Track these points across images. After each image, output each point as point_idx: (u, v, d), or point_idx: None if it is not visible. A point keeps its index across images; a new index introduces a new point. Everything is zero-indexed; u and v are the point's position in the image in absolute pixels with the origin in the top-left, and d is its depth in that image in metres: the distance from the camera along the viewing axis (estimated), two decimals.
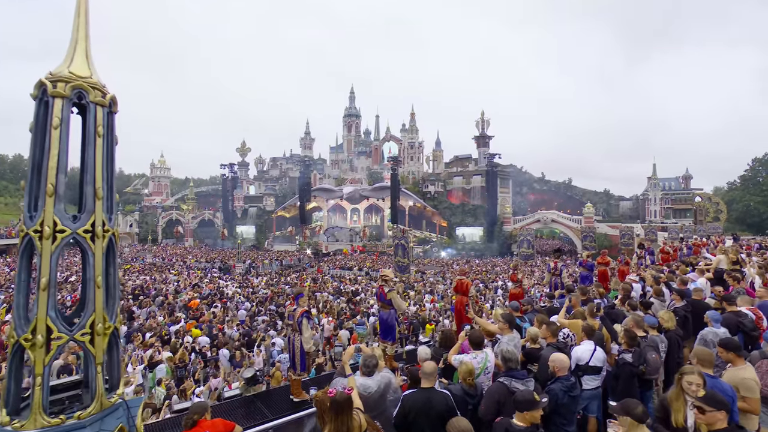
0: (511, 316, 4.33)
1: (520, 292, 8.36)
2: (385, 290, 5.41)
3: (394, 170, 52.52)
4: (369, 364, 3.32)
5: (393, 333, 5.57)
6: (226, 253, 46.44)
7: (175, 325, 14.54)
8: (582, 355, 4.00)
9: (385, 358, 5.55)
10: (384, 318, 5.56)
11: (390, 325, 5.54)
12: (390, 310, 5.49)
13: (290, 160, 74.21)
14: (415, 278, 29.04)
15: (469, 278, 6.86)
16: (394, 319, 5.57)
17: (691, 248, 17.03)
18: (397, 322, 5.67)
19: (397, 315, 5.65)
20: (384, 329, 5.57)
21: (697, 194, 52.65)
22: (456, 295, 6.64)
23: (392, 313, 5.53)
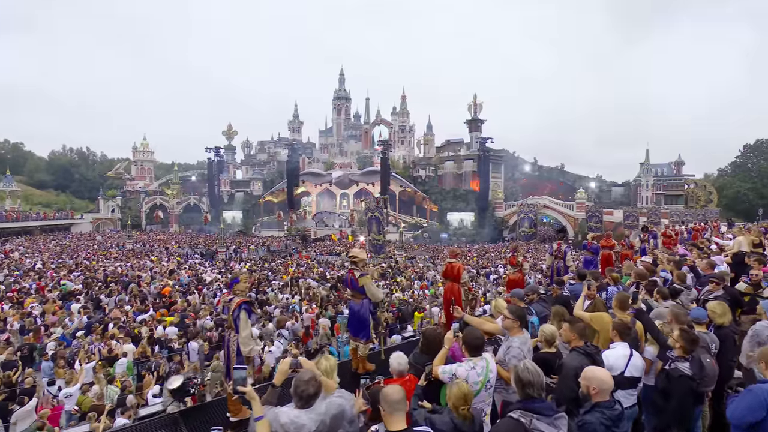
0: (522, 311, 3.30)
1: (520, 277, 7.38)
2: (356, 274, 4.37)
3: (384, 154, 51.19)
4: (303, 392, 2.15)
5: (366, 328, 4.54)
6: (210, 238, 45.04)
7: (143, 314, 13.44)
8: (615, 362, 3.00)
9: (356, 360, 4.54)
10: (355, 310, 4.53)
11: (362, 318, 4.51)
12: (362, 299, 4.46)
13: (278, 143, 72.21)
14: (405, 263, 28.18)
15: (461, 261, 5.91)
16: (367, 311, 4.53)
17: (691, 232, 16.35)
18: (372, 315, 4.64)
19: (372, 306, 4.61)
20: (355, 324, 4.54)
21: (689, 181, 52.44)
22: (446, 281, 5.65)
23: (365, 303, 4.49)
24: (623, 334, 3.18)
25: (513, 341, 3.16)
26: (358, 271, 4.46)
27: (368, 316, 4.62)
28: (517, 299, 4.22)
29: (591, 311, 3.90)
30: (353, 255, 4.53)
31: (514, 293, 4.33)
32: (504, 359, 3.11)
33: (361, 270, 4.48)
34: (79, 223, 58.39)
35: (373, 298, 4.53)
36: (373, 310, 4.61)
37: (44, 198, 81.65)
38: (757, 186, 55.66)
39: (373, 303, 4.56)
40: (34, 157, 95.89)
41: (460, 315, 3.57)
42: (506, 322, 3.22)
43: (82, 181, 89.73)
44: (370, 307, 4.62)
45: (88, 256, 28.35)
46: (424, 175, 57.46)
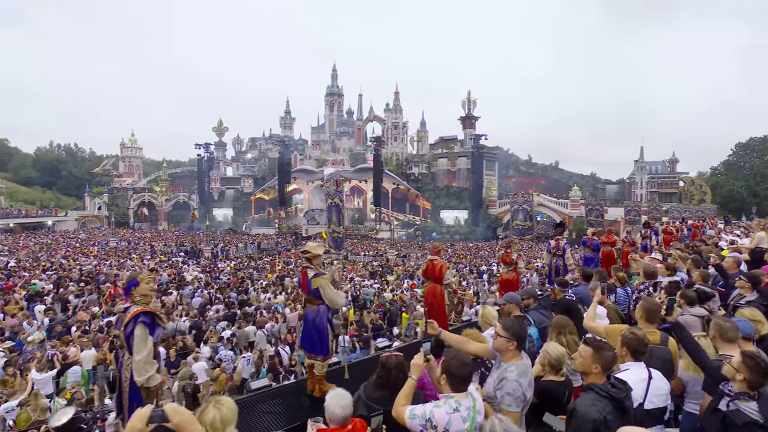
0: (521, 326, 2.35)
1: (514, 277, 6.55)
2: (309, 274, 3.56)
3: (376, 151, 50.38)
4: None
5: (324, 341, 3.71)
6: (198, 236, 43.96)
7: (111, 316, 12.51)
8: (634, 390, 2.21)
9: (312, 381, 3.72)
10: (309, 318, 3.71)
11: (319, 329, 3.68)
12: (318, 305, 3.65)
13: (269, 140, 71.05)
14: (395, 262, 27.41)
15: (444, 258, 5.14)
16: (324, 320, 3.71)
17: (690, 229, 15.76)
18: (330, 325, 3.79)
19: (329, 314, 3.78)
20: (309, 336, 3.71)
21: (683, 178, 52.21)
22: (427, 281, 4.84)
23: (321, 310, 3.68)
24: (636, 352, 2.42)
25: (508, 371, 2.25)
26: (312, 270, 3.65)
27: (325, 325, 3.78)
28: (513, 306, 3.44)
29: None
30: (306, 250, 3.71)
31: (508, 298, 3.52)
32: (494, 395, 2.25)
33: (315, 269, 3.67)
34: (64, 221, 56.90)
35: (331, 304, 3.71)
36: (331, 318, 3.78)
37: (30, 195, 79.74)
38: (750, 184, 55.59)
39: (332, 310, 3.75)
40: (20, 154, 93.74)
41: (435, 331, 2.74)
42: (498, 342, 2.33)
43: (70, 178, 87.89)
44: (327, 315, 3.79)
45: (67, 255, 27.24)
46: (418, 173, 56.69)
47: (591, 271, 4.72)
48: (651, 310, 2.95)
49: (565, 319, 3.01)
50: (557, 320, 3.02)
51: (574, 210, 44.46)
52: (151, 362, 2.80)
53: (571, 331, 2.83)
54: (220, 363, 9.96)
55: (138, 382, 2.81)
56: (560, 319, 3.03)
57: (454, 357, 2.06)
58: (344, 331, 12.31)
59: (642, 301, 3.11)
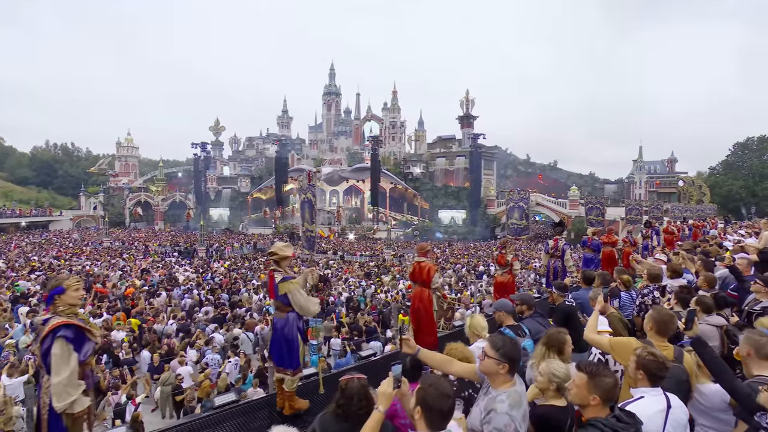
0: (514, 348, 1.95)
1: (509, 280, 6.13)
2: (276, 279, 3.20)
3: (374, 150, 49.98)
4: None
5: (293, 353, 3.31)
6: (194, 236, 43.50)
7: (95, 318, 12.12)
8: (650, 424, 1.86)
9: (282, 397, 3.35)
10: (278, 327, 3.33)
11: (288, 339, 3.29)
12: (287, 313, 3.27)
13: (267, 139, 70.57)
14: (392, 262, 27.04)
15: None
16: (294, 330, 3.33)
17: (691, 229, 15.46)
18: (301, 334, 3.41)
19: (300, 323, 3.39)
20: (276, 347, 3.33)
21: (682, 178, 51.98)
22: (413, 285, 4.46)
23: (291, 319, 3.29)
24: (655, 377, 2.01)
25: (497, 401, 1.84)
26: (280, 273, 3.28)
27: (295, 335, 3.38)
28: (504, 315, 3.04)
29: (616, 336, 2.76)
30: (273, 252, 3.34)
31: (498, 305, 3.15)
32: (480, 431, 1.86)
33: (284, 272, 3.31)
34: (59, 221, 56.35)
35: (301, 311, 3.34)
36: (303, 327, 3.40)
37: (25, 195, 79.14)
38: (748, 184, 55.39)
39: (304, 318, 3.36)
40: (16, 153, 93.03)
41: (411, 349, 2.26)
42: (486, 365, 1.92)
43: (66, 178, 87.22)
44: (298, 324, 3.41)
45: (59, 255, 26.79)
46: (416, 172, 56.33)
47: (592, 274, 4.35)
48: (663, 322, 2.51)
49: (560, 334, 2.54)
50: (549, 335, 2.56)
51: (572, 210, 44.17)
52: (75, 384, 2.38)
53: (560, 350, 2.44)
54: (207, 367, 9.61)
55: (57, 408, 2.38)
56: (554, 335, 2.55)
57: (431, 385, 1.67)
58: (336, 334, 11.98)
59: (652, 310, 2.64)
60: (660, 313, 2.56)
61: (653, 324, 2.54)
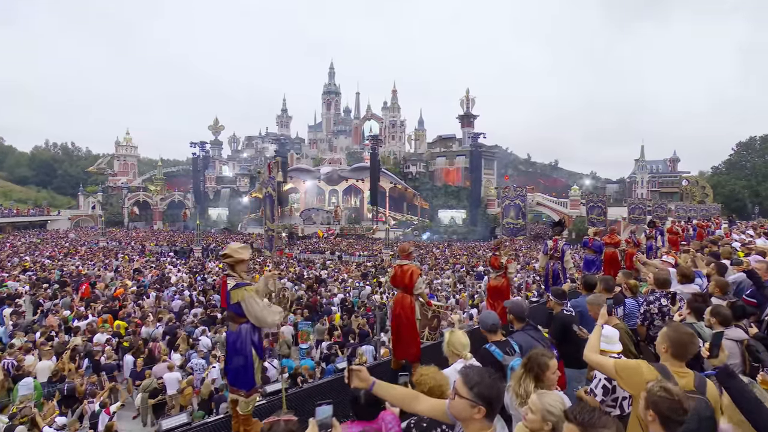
0: (491, 383, 1.44)
1: (504, 284, 5.68)
2: (228, 285, 2.78)
3: (373, 150, 49.55)
4: None
5: (248, 372, 2.86)
6: (192, 236, 43.18)
7: (83, 320, 11.75)
8: None
9: (237, 422, 2.94)
10: (230, 341, 2.92)
11: (240, 355, 2.90)
12: (240, 324, 2.85)
13: (266, 138, 70.26)
14: (390, 262, 26.65)
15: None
16: (248, 344, 2.92)
17: (696, 229, 15.04)
18: (256, 349, 2.99)
19: (256, 336, 2.96)
20: (229, 364, 2.90)
21: (685, 177, 51.45)
22: (395, 290, 4.06)
23: (244, 331, 2.87)
24: (670, 421, 1.54)
25: None
26: (233, 279, 2.87)
27: (249, 351, 2.93)
28: (485, 330, 2.58)
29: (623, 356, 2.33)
30: (227, 254, 2.92)
31: (482, 322, 2.73)
32: None
33: (239, 277, 2.91)
34: (57, 220, 56.08)
35: (257, 322, 2.92)
36: (259, 341, 2.98)
37: (24, 194, 79.03)
38: (751, 184, 54.87)
39: (260, 330, 2.92)
40: (16, 153, 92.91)
41: (364, 383, 1.83)
42: (457, 405, 1.47)
43: (65, 177, 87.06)
44: (252, 337, 2.96)
45: (52, 255, 26.47)
46: (415, 171, 55.89)
47: (594, 279, 3.91)
48: (681, 343, 2.01)
49: (542, 357, 2.09)
50: (531, 355, 2.11)
51: (573, 210, 43.74)
52: None
53: (537, 377, 2.04)
54: (192, 373, 9.22)
55: None
56: (535, 356, 2.10)
57: None
58: (328, 338, 11.58)
59: (668, 328, 2.11)
60: (677, 332, 2.05)
61: (669, 344, 2.04)
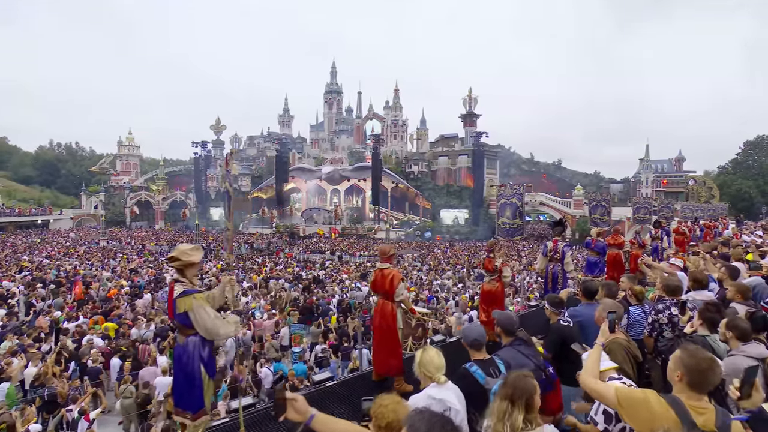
0: None
1: (497, 288, 5.20)
2: (176, 291, 2.44)
3: (375, 149, 49.25)
4: None
5: (195, 391, 2.54)
6: (192, 236, 43.04)
7: (70, 322, 11.50)
8: None
9: None
10: (176, 355, 2.61)
11: (186, 372, 2.55)
12: (188, 337, 2.52)
13: (267, 138, 70.03)
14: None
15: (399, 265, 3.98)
16: (197, 359, 2.56)
17: (703, 229, 14.62)
18: (205, 366, 2.59)
19: (205, 351, 2.59)
20: (178, 384, 2.54)
21: (691, 177, 50.74)
22: (376, 296, 3.71)
23: (192, 344, 2.55)
24: None
25: None
26: (181, 285, 2.57)
27: (197, 368, 2.55)
28: (468, 345, 2.25)
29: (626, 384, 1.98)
30: (174, 257, 2.58)
31: (465, 336, 2.37)
32: None
33: (188, 284, 2.62)
34: (59, 220, 56.16)
35: (207, 335, 2.55)
36: (208, 358, 2.66)
37: (28, 194, 79.29)
38: (759, 183, 54.05)
39: (211, 344, 2.57)
40: (20, 152, 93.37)
41: (302, 415, 1.53)
42: None
43: (69, 177, 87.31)
44: (201, 352, 2.57)
45: (51, 254, 26.33)
46: (417, 171, 55.49)
47: (595, 286, 3.53)
48: (698, 370, 1.65)
49: (526, 380, 1.78)
50: (512, 382, 1.77)
51: (577, 209, 43.18)
52: None
53: (528, 406, 1.71)
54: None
55: None
56: (517, 382, 1.77)
57: None
58: (322, 341, 11.26)
59: (682, 351, 1.74)
60: (694, 356, 1.68)
61: (684, 372, 1.68)
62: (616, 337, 2.61)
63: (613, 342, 2.61)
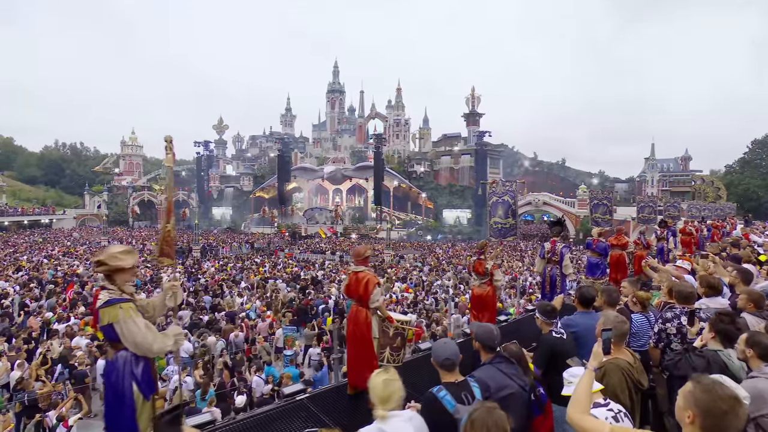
0: None
1: (488, 292, 4.90)
2: (100, 299, 2.11)
3: (377, 149, 48.91)
4: None
5: (124, 412, 2.21)
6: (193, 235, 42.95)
7: (61, 323, 11.28)
8: None
9: None
10: (107, 372, 2.29)
11: (115, 390, 2.22)
12: (118, 352, 2.26)
13: (270, 138, 69.93)
14: (391, 263, 25.99)
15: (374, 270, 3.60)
16: (127, 379, 2.21)
17: (710, 229, 14.17)
18: (137, 385, 2.26)
19: (138, 367, 2.20)
20: (107, 405, 2.16)
21: (699, 176, 49.96)
22: (350, 302, 3.41)
23: (121, 361, 2.24)
24: None
25: None
26: (108, 292, 2.26)
27: (128, 386, 2.22)
28: (443, 371, 1.92)
29: None
30: (100, 261, 2.29)
31: (435, 354, 2.02)
32: None
33: (116, 291, 2.29)
34: (62, 219, 56.32)
35: (137, 350, 2.24)
36: (142, 375, 2.27)
37: (33, 194, 79.75)
38: (767, 182, 53.16)
39: (146, 360, 2.22)
40: (25, 152, 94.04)
41: None
42: None
43: (73, 177, 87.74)
44: (134, 369, 2.25)
45: (51, 254, 26.25)
46: (420, 171, 55.12)
47: (592, 292, 3.16)
48: (716, 413, 1.31)
49: (494, 414, 1.49)
50: (482, 419, 1.47)
51: (581, 209, 42.59)
52: None
53: None
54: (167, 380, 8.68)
55: None
56: (486, 417, 1.47)
57: None
58: (316, 343, 10.96)
59: (695, 386, 1.38)
60: (711, 394, 1.33)
61: (696, 414, 1.34)
62: (616, 357, 2.28)
63: (611, 362, 2.25)
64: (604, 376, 2.12)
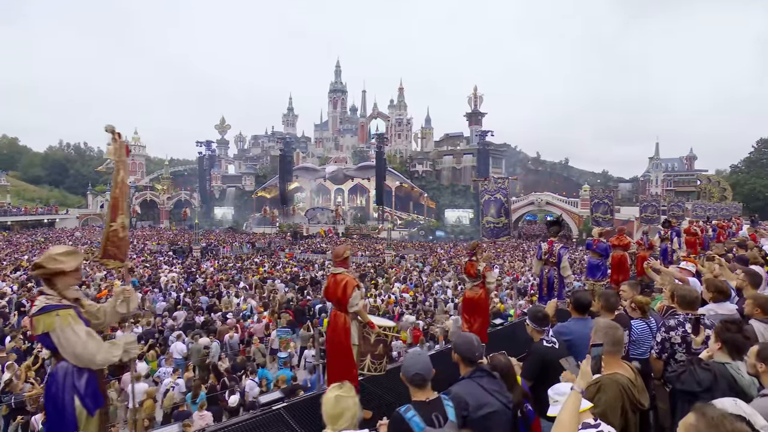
0: None
1: (480, 295, 4.62)
2: (35, 306, 1.89)
3: (379, 148, 48.71)
4: None
5: (66, 427, 1.90)
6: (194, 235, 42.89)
7: None
8: None
9: None
10: (48, 383, 2.08)
11: (54, 403, 2.02)
12: (59, 362, 1.99)
13: (272, 137, 69.84)
14: (391, 263, 25.78)
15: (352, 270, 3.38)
16: (68, 391, 2.01)
17: (715, 230, 13.88)
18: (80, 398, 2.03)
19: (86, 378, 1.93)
20: (48, 420, 1.93)
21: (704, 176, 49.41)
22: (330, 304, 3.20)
23: (62, 372, 2.03)
24: None
25: None
26: (46, 298, 2.06)
27: (70, 399, 2.03)
28: (414, 388, 1.73)
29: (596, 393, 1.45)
30: (38, 264, 2.09)
31: (407, 366, 1.81)
32: None
33: (56, 297, 2.08)
34: (65, 219, 56.44)
35: (77, 361, 2.04)
36: (86, 388, 2.05)
37: (37, 194, 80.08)
38: None
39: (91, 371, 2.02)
40: (30, 152, 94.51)
41: None
42: None
43: (77, 177, 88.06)
44: (76, 382, 2.05)
45: None
46: (422, 170, 54.87)
47: (587, 297, 2.92)
48: None
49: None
50: None
51: (584, 209, 42.20)
52: None
53: None
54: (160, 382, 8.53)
55: None
56: None
57: None
58: (311, 345, 10.77)
59: (698, 417, 1.20)
60: (717, 428, 1.14)
61: (707, 426, 1.16)
62: (615, 372, 2.05)
63: (609, 378, 2.04)
64: (598, 391, 1.91)
